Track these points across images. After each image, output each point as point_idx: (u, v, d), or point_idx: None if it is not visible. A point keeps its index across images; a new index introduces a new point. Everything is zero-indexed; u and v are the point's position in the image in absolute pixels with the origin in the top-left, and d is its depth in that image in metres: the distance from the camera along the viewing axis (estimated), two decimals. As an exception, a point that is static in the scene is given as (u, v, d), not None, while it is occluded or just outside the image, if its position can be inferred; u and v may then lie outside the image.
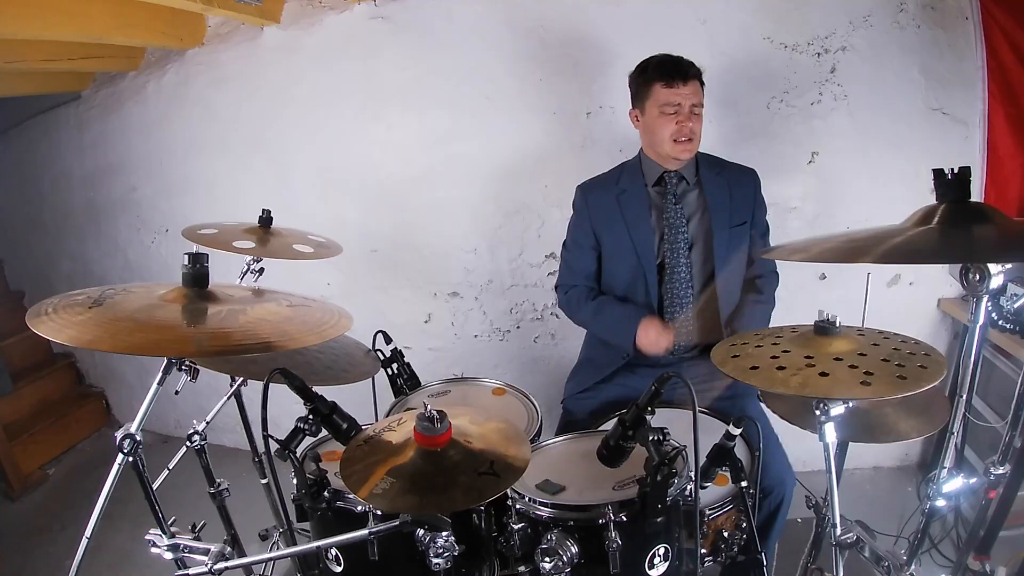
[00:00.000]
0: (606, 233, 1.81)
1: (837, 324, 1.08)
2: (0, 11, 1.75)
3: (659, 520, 1.08)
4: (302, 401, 1.11)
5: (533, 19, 2.26)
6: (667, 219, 1.75)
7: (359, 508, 1.20)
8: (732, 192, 1.78)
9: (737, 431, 1.19)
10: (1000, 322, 1.95)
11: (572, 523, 1.13)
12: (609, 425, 1.19)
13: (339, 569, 1.24)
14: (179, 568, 1.16)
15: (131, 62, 2.65)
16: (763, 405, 1.40)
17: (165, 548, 1.15)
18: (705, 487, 1.27)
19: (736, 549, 1.31)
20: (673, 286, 1.76)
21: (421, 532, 1.07)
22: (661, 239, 1.76)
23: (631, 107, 1.80)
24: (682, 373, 1.06)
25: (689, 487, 1.16)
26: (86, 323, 0.94)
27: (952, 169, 0.96)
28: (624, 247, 1.78)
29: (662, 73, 1.67)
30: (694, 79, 1.68)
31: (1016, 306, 1.90)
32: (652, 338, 1.69)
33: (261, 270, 1.76)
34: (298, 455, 1.15)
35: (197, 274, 1.09)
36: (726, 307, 1.77)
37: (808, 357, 1.02)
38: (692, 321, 1.80)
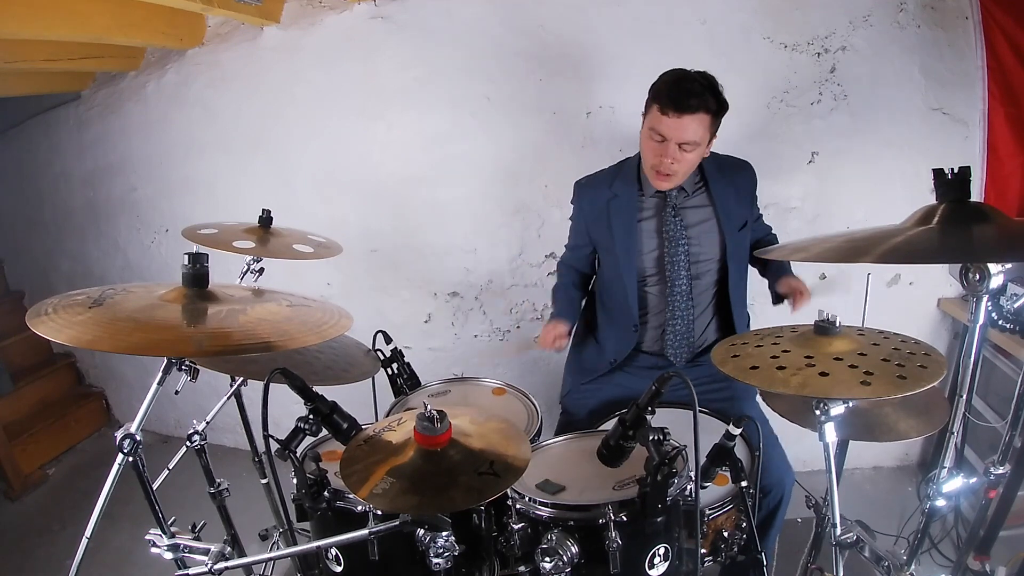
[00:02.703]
0: (596, 236, 1.80)
1: (837, 324, 1.08)
2: (0, 11, 1.75)
3: (659, 520, 1.08)
4: (302, 401, 1.11)
5: (533, 19, 2.26)
6: (666, 231, 1.69)
7: (359, 508, 1.20)
8: (738, 192, 1.73)
9: (737, 431, 1.19)
10: (1000, 322, 1.95)
11: (572, 523, 1.13)
12: (609, 425, 1.19)
13: (339, 569, 1.24)
14: (179, 568, 1.16)
15: (131, 62, 2.65)
16: (762, 405, 1.40)
17: (165, 548, 1.15)
18: (705, 487, 1.27)
19: (736, 549, 1.31)
20: (674, 298, 1.72)
21: (421, 532, 1.07)
22: (661, 251, 1.71)
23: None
24: (683, 373, 1.06)
25: (689, 487, 1.16)
26: (86, 323, 0.94)
27: (952, 169, 0.96)
28: (610, 254, 1.76)
29: (662, 96, 1.52)
30: (696, 113, 1.50)
31: (1016, 306, 1.90)
32: (547, 340, 1.76)
33: (261, 270, 1.76)
34: (298, 455, 1.15)
35: (197, 274, 1.09)
36: (736, 311, 1.75)
37: (808, 357, 1.02)
38: (695, 331, 1.77)
